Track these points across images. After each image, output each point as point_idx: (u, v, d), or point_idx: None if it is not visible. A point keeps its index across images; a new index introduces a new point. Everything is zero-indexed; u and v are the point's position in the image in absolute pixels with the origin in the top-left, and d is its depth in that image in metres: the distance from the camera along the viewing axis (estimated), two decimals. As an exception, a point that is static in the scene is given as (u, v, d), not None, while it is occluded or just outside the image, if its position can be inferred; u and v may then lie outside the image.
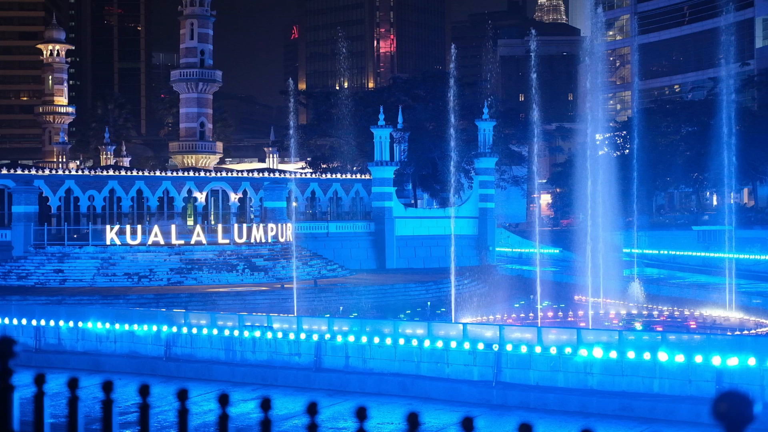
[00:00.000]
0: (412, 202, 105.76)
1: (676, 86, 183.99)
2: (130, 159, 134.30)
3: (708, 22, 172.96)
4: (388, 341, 42.81)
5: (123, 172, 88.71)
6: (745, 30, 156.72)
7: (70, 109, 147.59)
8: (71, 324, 50.93)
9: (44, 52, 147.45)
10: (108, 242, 77.42)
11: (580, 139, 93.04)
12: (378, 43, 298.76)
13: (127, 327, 49.49)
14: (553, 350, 39.38)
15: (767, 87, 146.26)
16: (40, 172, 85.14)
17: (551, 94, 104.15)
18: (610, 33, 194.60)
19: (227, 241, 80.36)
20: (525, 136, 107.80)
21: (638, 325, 55.93)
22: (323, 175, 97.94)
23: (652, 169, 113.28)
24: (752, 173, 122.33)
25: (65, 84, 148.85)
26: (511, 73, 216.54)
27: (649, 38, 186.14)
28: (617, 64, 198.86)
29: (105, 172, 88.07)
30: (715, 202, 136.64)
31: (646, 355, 37.53)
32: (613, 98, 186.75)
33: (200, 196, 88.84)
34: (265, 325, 46.53)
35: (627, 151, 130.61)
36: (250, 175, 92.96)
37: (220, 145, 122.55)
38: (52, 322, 51.26)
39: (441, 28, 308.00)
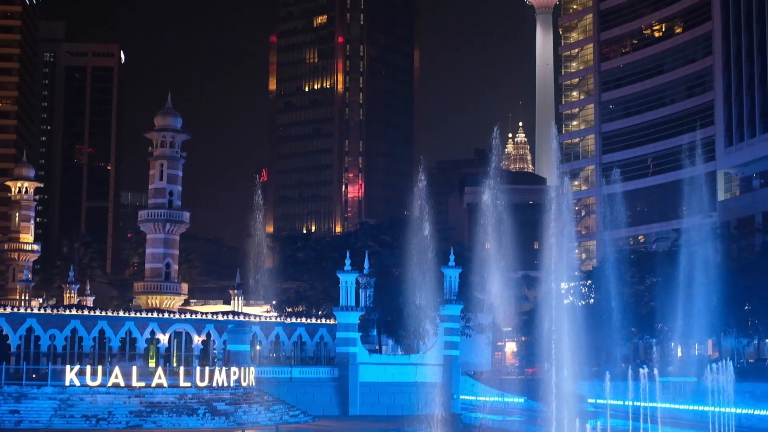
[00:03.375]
0: (377, 348, 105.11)
1: (640, 236, 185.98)
2: (94, 298, 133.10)
3: (671, 174, 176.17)
4: (350, 492, 42.02)
5: (86, 312, 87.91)
6: (708, 183, 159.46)
7: (36, 247, 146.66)
8: (25, 468, 49.74)
9: (13, 189, 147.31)
10: (67, 383, 76.20)
11: (546, 288, 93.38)
12: (346, 188, 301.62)
13: (82, 472, 48.36)
14: (517, 504, 38.74)
15: (730, 239, 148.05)
16: (1, 310, 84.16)
17: (517, 242, 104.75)
18: (576, 183, 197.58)
19: (189, 384, 79.29)
20: (491, 284, 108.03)
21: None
22: (288, 319, 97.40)
23: (617, 319, 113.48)
24: (716, 324, 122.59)
25: (32, 221, 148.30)
26: (478, 220, 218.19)
27: (614, 189, 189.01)
28: (582, 214, 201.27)
29: (67, 311, 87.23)
30: (680, 353, 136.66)
31: None
32: (579, 248, 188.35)
33: (163, 338, 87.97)
34: (224, 472, 45.64)
35: (592, 300, 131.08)
36: (215, 317, 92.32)
37: (185, 287, 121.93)
38: (4, 466, 50.02)
39: (409, 175, 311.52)
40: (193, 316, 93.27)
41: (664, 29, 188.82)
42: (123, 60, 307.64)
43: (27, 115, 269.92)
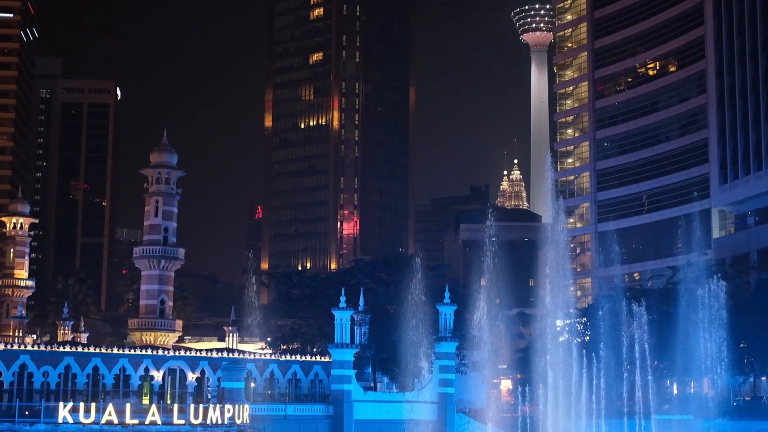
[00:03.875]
0: (372, 385, 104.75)
1: (635, 274, 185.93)
2: (88, 335, 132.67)
3: (666, 211, 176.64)
4: None
5: (79, 348, 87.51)
6: (703, 220, 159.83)
7: (30, 283, 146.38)
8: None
9: (7, 225, 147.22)
10: (60, 420, 75.73)
11: (541, 325, 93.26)
12: (341, 224, 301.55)
13: None
14: None
15: (725, 277, 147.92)
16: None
17: (512, 280, 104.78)
18: (571, 220, 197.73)
19: (182, 421, 78.81)
20: (486, 321, 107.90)
21: None
22: (283, 356, 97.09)
23: (612, 357, 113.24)
24: (712, 362, 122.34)
25: (26, 257, 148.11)
26: (473, 257, 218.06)
27: (609, 226, 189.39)
28: (577, 251, 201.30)
29: (61, 348, 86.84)
30: (675, 391, 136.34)
31: None
32: (574, 285, 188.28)
33: (157, 375, 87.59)
34: None
35: (587, 338, 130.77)
36: (209, 354, 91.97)
37: (179, 323, 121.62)
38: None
39: (404, 212, 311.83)
40: (188, 353, 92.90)
41: (658, 67, 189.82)
42: (119, 96, 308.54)
43: (23, 151, 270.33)
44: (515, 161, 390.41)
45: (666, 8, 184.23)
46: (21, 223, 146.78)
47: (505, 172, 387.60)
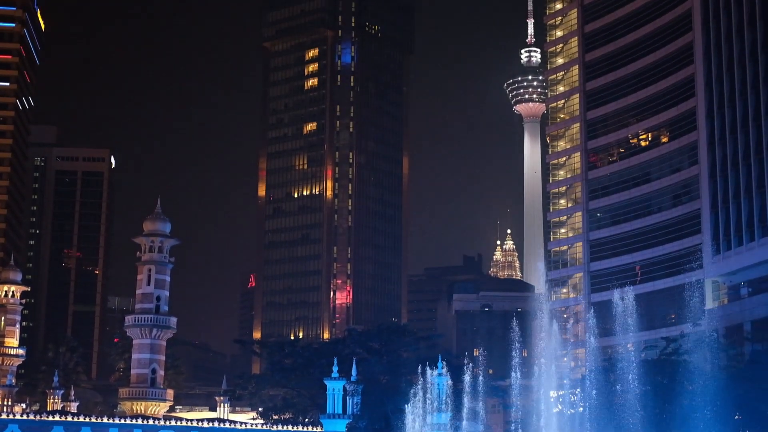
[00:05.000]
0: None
1: (629, 344, 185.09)
2: (78, 404, 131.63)
3: (659, 282, 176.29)
4: None
5: (69, 418, 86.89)
6: (696, 291, 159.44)
7: (21, 351, 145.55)
8: None
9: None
10: (48, 491, 74.99)
11: (535, 396, 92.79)
12: (334, 294, 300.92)
13: None
14: None
15: (718, 348, 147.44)
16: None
17: (506, 350, 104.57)
18: (564, 290, 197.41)
19: (172, 493, 78.09)
20: (480, 392, 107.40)
21: None
22: (274, 427, 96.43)
23: (607, 428, 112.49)
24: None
25: (17, 325, 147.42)
26: (466, 327, 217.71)
27: (602, 296, 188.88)
28: (571, 321, 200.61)
29: (50, 417, 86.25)
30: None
31: None
32: (567, 355, 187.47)
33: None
34: None
35: (581, 409, 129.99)
36: (200, 424, 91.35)
37: (170, 393, 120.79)
38: None
39: (397, 281, 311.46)
40: (178, 423, 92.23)
41: (650, 138, 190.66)
42: (113, 165, 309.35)
43: (16, 219, 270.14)
44: (508, 231, 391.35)
45: (658, 80, 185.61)
46: (13, 291, 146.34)
47: (499, 242, 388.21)
